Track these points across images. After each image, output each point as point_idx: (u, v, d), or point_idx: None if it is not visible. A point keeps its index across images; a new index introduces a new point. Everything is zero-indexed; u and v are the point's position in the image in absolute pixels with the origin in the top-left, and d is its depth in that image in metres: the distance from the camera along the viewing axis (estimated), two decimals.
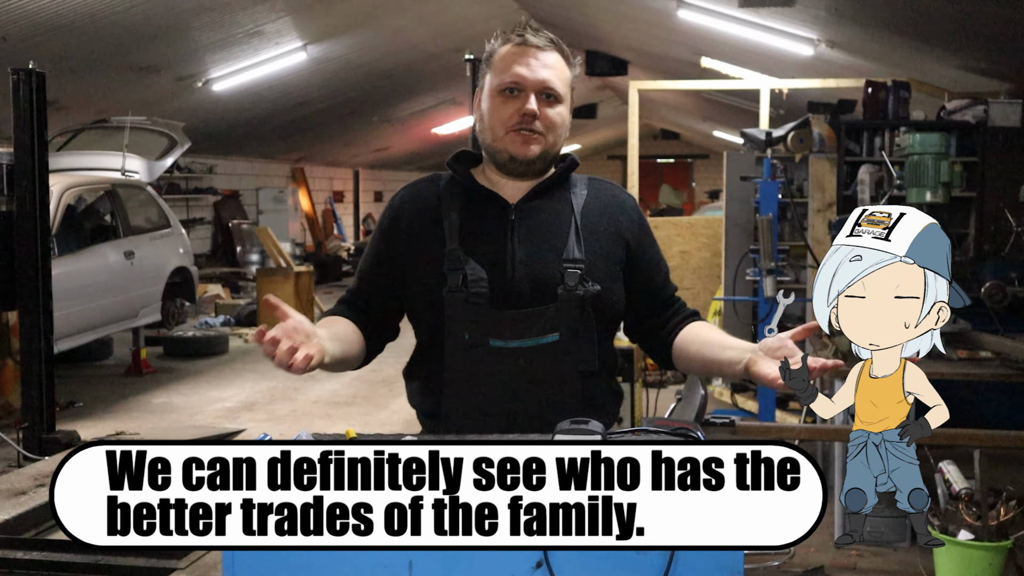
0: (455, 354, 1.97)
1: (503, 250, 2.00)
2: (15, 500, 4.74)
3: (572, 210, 2.05)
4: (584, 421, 1.75)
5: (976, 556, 3.56)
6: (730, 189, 7.32)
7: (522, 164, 2.02)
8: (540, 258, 2.00)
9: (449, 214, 2.04)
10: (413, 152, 21.00)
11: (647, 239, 2.14)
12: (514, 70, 1.99)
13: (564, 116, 2.04)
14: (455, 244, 1.99)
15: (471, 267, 1.97)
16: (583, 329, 1.99)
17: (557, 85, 2.00)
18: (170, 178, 14.04)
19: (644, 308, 2.14)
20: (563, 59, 2.04)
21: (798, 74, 9.02)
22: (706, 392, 3.65)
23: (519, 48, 2.01)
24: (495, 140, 2.02)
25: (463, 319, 1.96)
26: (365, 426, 6.53)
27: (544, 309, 1.97)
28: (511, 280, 1.98)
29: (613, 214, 2.10)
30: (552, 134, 2.02)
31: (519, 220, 2.03)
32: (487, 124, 2.04)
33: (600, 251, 2.04)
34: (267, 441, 1.51)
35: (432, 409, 2.03)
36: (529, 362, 1.97)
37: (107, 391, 8.06)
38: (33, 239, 5.76)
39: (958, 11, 6.26)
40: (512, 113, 1.99)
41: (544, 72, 1.99)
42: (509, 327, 1.97)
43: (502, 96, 2.00)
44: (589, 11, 11.02)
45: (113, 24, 8.36)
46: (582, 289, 1.97)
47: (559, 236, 2.02)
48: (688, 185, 26.89)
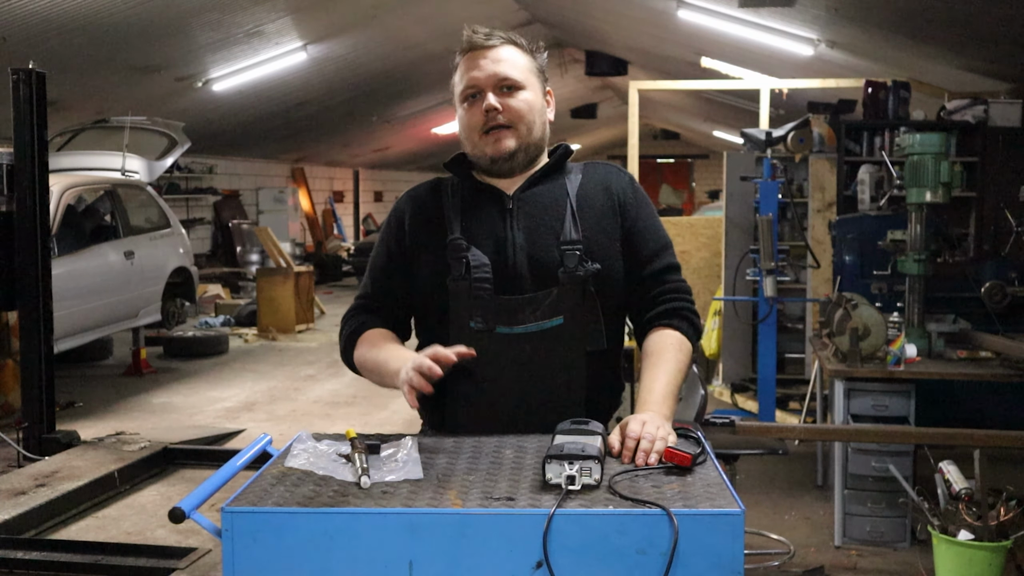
0: (461, 341, 1.96)
1: (503, 237, 2.03)
2: (15, 500, 4.73)
3: (567, 194, 2.07)
4: (584, 422, 1.76)
5: (976, 556, 3.56)
6: (730, 189, 7.32)
7: (502, 162, 2.05)
8: (539, 242, 2.02)
9: (450, 207, 2.08)
10: (413, 152, 20.98)
11: (643, 211, 2.12)
12: (468, 75, 2.05)
13: (531, 102, 2.05)
14: (456, 233, 2.03)
15: (473, 254, 2.00)
16: (587, 309, 2.00)
17: (512, 73, 2.03)
18: (170, 178, 14.04)
19: (630, 279, 2.08)
20: (518, 49, 2.08)
21: (798, 74, 9.02)
22: (706, 392, 3.65)
23: (470, 54, 2.06)
24: (473, 147, 2.08)
25: (468, 307, 1.99)
26: (365, 426, 6.53)
27: (547, 293, 1.99)
28: (513, 265, 2.00)
29: (607, 188, 2.10)
30: (522, 123, 2.04)
31: (517, 208, 2.06)
32: (464, 134, 2.10)
33: (597, 227, 2.05)
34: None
35: (437, 400, 2.02)
36: (535, 347, 1.99)
37: (107, 391, 8.06)
38: (33, 239, 5.76)
39: (958, 11, 6.26)
40: (478, 116, 2.04)
41: (494, 67, 2.03)
42: (514, 313, 1.99)
43: (467, 103, 2.06)
44: (589, 11, 11.01)
45: (113, 24, 8.36)
46: (582, 269, 1.99)
47: (556, 220, 2.04)
48: (688, 185, 26.89)
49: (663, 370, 1.99)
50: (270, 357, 9.81)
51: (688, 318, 2.08)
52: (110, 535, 4.65)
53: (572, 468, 1.58)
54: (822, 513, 4.84)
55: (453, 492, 1.58)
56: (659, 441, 1.73)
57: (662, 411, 1.89)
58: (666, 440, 1.75)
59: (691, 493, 1.57)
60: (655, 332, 2.06)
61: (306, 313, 11.37)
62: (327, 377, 8.72)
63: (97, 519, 4.92)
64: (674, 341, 2.04)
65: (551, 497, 1.54)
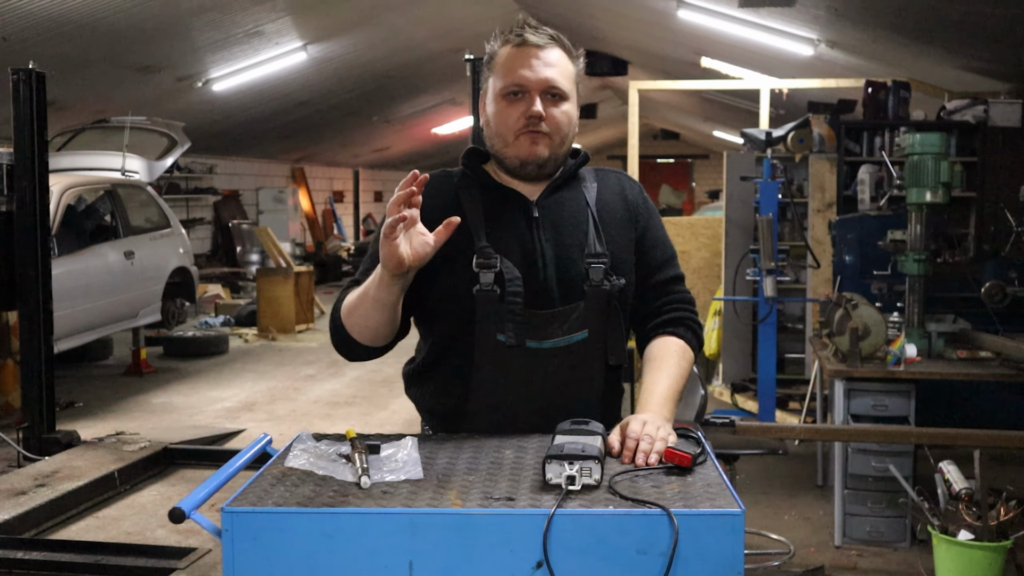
0: (487, 355, 1.94)
1: (532, 248, 1.98)
2: (15, 500, 4.73)
3: (587, 204, 2.04)
4: (584, 422, 1.76)
5: (976, 556, 3.56)
6: (730, 189, 7.32)
7: (533, 167, 1.98)
8: (566, 256, 1.98)
9: (472, 209, 1.99)
10: (413, 152, 20.99)
11: (653, 221, 2.12)
12: (516, 72, 1.94)
13: (570, 115, 2.00)
14: (483, 241, 1.95)
15: (505, 266, 1.93)
16: (611, 324, 1.99)
17: (561, 83, 1.96)
18: (170, 178, 14.03)
19: (636, 287, 2.08)
20: (566, 54, 2.00)
21: (798, 74, 9.02)
22: (706, 392, 3.65)
23: (519, 49, 1.96)
24: (505, 146, 1.98)
25: (498, 319, 1.93)
26: (365, 426, 6.53)
27: (574, 307, 1.96)
28: (543, 280, 1.96)
29: (623, 198, 2.09)
30: (558, 135, 1.98)
31: (543, 217, 2.01)
32: (494, 130, 2.00)
33: (619, 240, 2.03)
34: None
35: (453, 410, 2.00)
36: (561, 361, 1.96)
37: (107, 391, 8.06)
38: (33, 239, 5.76)
39: (958, 11, 6.26)
40: (518, 116, 1.95)
41: (547, 71, 1.95)
42: (543, 327, 1.95)
43: (507, 100, 1.96)
44: (589, 11, 11.01)
45: (113, 24, 8.35)
46: (608, 284, 1.96)
47: (580, 231, 2.00)
48: (688, 185, 26.88)
49: (665, 374, 1.98)
50: (270, 357, 9.81)
51: (692, 328, 2.09)
52: (110, 535, 4.65)
53: (572, 468, 1.58)
54: (822, 513, 4.84)
55: (453, 492, 1.58)
56: (659, 441, 1.73)
57: (662, 413, 1.88)
58: (666, 440, 1.74)
59: (691, 493, 1.57)
60: (658, 339, 2.06)
61: (306, 313, 11.38)
62: (327, 377, 8.72)
63: (97, 519, 4.93)
64: (677, 348, 2.04)
65: (551, 497, 1.54)
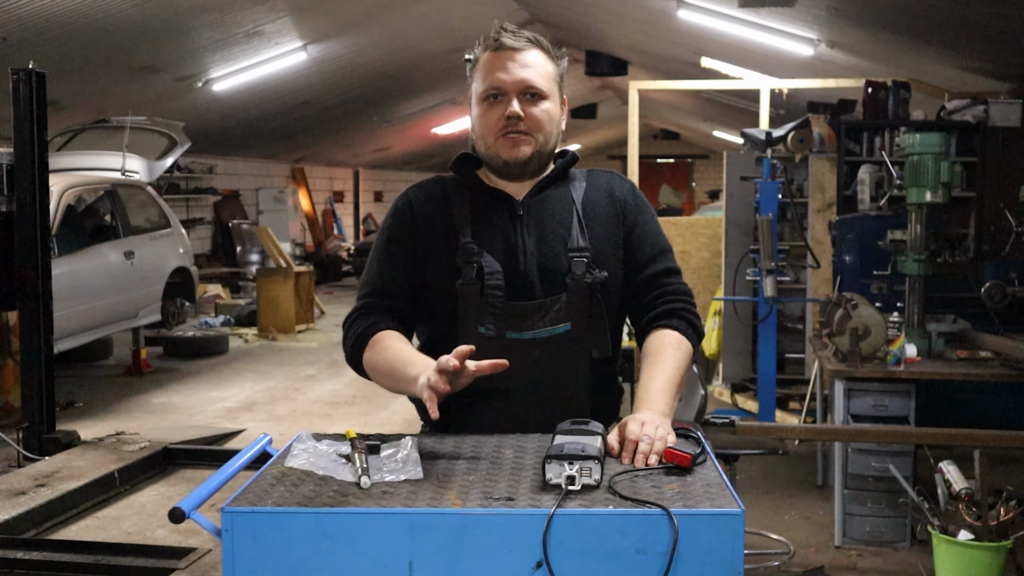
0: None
1: (514, 243, 2.03)
2: (15, 500, 4.73)
3: (573, 201, 2.08)
4: (584, 422, 1.76)
5: (976, 556, 3.56)
6: (730, 189, 7.32)
7: (516, 167, 2.04)
8: (548, 249, 2.03)
9: (459, 209, 2.06)
10: (413, 152, 21.00)
11: (643, 215, 2.13)
12: (494, 75, 2.02)
13: (551, 112, 2.05)
14: (467, 237, 2.02)
15: (486, 260, 2.00)
16: (594, 316, 2.01)
17: (538, 82, 2.02)
18: (170, 178, 14.03)
19: (629, 282, 2.10)
20: (544, 55, 2.05)
21: (798, 74, 9.02)
22: (706, 392, 3.65)
23: (496, 53, 2.03)
24: (487, 147, 2.06)
25: (479, 312, 1.98)
26: (365, 426, 6.53)
27: (556, 299, 2.00)
28: (524, 272, 2.01)
29: (610, 196, 2.12)
30: (540, 133, 2.03)
31: (527, 214, 2.06)
32: (478, 133, 2.07)
33: (603, 235, 2.06)
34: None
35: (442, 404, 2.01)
36: (543, 352, 2.00)
37: (107, 391, 8.06)
38: (33, 239, 5.76)
39: (958, 11, 6.26)
40: (498, 118, 2.02)
41: (522, 72, 2.01)
42: (524, 318, 1.99)
43: (487, 103, 2.03)
44: (589, 11, 11.01)
45: (113, 24, 8.36)
46: (590, 277, 2.00)
47: (563, 227, 2.05)
48: (688, 185, 26.88)
49: (660, 368, 1.98)
50: (270, 357, 9.81)
51: (687, 319, 2.08)
52: (110, 535, 4.65)
53: (572, 468, 1.58)
54: (822, 513, 4.84)
55: (453, 492, 1.58)
56: (658, 442, 1.73)
57: (660, 408, 1.89)
58: (665, 440, 1.75)
59: (691, 493, 1.57)
60: (654, 333, 2.07)
61: (306, 313, 11.37)
62: (327, 377, 8.73)
63: (97, 519, 4.92)
64: (672, 340, 2.04)
65: (551, 497, 1.54)
